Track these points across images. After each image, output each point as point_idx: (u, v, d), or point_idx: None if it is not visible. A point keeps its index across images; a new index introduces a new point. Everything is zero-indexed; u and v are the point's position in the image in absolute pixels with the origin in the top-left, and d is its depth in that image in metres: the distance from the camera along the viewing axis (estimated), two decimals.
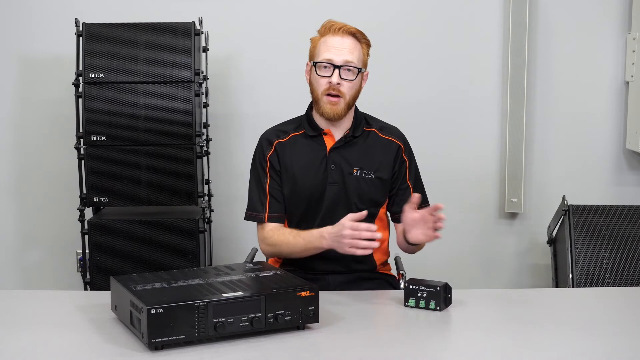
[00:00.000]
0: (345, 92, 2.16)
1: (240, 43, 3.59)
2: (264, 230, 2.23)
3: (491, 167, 3.69)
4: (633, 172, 3.69)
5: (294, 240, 2.15)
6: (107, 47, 3.07)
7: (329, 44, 2.17)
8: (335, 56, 2.15)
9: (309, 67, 2.23)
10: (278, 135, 2.28)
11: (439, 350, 1.65)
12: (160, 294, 1.63)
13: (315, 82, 2.19)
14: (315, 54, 2.20)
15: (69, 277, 3.67)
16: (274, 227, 2.22)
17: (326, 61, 2.16)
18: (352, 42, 2.18)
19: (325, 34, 2.19)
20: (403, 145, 2.30)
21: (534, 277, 3.74)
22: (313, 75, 2.20)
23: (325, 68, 2.16)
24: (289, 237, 2.16)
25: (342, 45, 2.16)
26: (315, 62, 2.18)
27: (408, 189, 2.29)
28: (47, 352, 1.60)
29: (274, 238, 2.20)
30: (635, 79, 3.53)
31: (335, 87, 2.15)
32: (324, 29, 2.20)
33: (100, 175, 3.09)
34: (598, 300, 2.08)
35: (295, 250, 2.15)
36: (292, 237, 2.16)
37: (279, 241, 2.18)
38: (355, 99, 2.23)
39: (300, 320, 1.69)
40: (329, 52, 2.16)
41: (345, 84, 2.16)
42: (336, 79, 2.15)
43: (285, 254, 2.22)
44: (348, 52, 2.16)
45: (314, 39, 2.24)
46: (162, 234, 3.08)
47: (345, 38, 2.17)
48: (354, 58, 2.16)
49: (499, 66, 3.63)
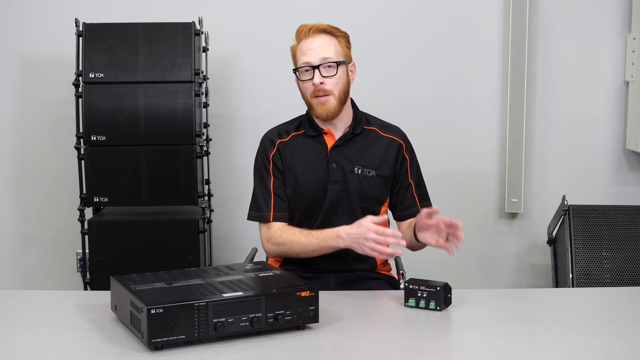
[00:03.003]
0: (330, 89, 2.17)
1: (240, 43, 3.59)
2: (270, 229, 2.22)
3: (491, 167, 3.69)
4: (633, 172, 3.69)
5: (306, 239, 2.13)
6: (107, 47, 3.07)
7: (304, 47, 2.19)
8: (310, 57, 2.17)
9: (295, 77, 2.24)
10: (280, 135, 2.28)
11: (439, 350, 1.64)
12: (160, 294, 1.63)
13: (303, 88, 2.22)
14: (295, 61, 2.23)
15: (69, 277, 3.67)
16: (281, 227, 2.21)
17: (304, 65, 2.18)
18: (325, 39, 2.19)
19: (300, 39, 2.21)
20: (404, 144, 2.30)
21: (534, 277, 3.74)
22: (299, 83, 2.23)
23: (306, 72, 2.19)
24: (301, 237, 2.15)
25: (315, 44, 2.18)
26: (296, 69, 2.21)
27: (410, 186, 2.29)
28: (47, 352, 1.60)
29: (282, 237, 2.18)
30: (635, 79, 3.53)
31: (319, 88, 2.16)
32: (297, 35, 2.23)
33: (100, 175, 3.09)
34: (598, 300, 2.08)
35: (308, 249, 2.14)
36: (304, 237, 2.14)
37: (289, 240, 2.16)
38: (346, 93, 2.22)
39: (300, 320, 1.69)
40: (305, 55, 2.18)
41: (328, 80, 2.17)
42: (318, 79, 2.16)
43: (293, 254, 2.19)
44: (322, 49, 2.17)
45: (292, 47, 2.26)
46: (162, 234, 3.08)
47: (317, 37, 2.19)
48: (329, 53, 2.17)
49: (499, 66, 3.63)
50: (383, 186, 2.26)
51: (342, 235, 2.04)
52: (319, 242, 2.11)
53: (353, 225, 2.02)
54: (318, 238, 2.11)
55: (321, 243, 2.10)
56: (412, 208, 2.30)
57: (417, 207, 2.30)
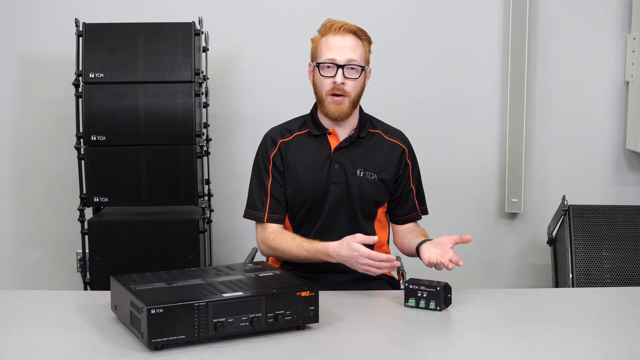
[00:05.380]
0: (349, 91, 2.15)
1: (240, 43, 3.59)
2: (265, 231, 2.23)
3: (491, 167, 3.69)
4: (633, 172, 3.69)
5: (297, 250, 2.14)
6: (107, 47, 3.07)
7: (331, 43, 2.15)
8: (337, 55, 2.14)
9: (312, 68, 2.22)
10: (282, 134, 2.27)
11: (439, 350, 1.64)
12: (160, 294, 1.63)
13: (319, 82, 2.18)
14: (318, 54, 2.19)
15: (69, 277, 3.67)
16: (275, 230, 2.21)
17: (329, 61, 2.14)
18: (354, 40, 2.17)
19: (326, 34, 2.17)
20: (407, 149, 2.30)
21: (534, 277, 3.74)
22: (317, 76, 2.19)
23: (328, 68, 2.15)
24: (292, 246, 2.15)
25: (343, 44, 2.15)
26: (318, 63, 2.17)
27: (411, 192, 2.30)
28: (47, 352, 1.60)
29: (275, 242, 2.19)
30: (635, 79, 3.53)
31: (339, 87, 2.14)
32: (325, 29, 2.19)
33: (100, 175, 3.09)
34: (598, 300, 2.08)
35: (299, 259, 2.16)
36: (295, 247, 2.14)
37: (281, 247, 2.17)
38: (360, 97, 2.22)
39: (300, 320, 1.69)
40: (331, 51, 2.15)
41: (349, 82, 2.15)
42: (340, 78, 2.13)
43: (283, 258, 2.23)
44: (350, 50, 2.15)
45: (314, 39, 2.22)
46: (162, 234, 3.08)
47: (346, 37, 2.16)
48: (356, 56, 2.15)
49: (499, 66, 3.63)
50: (384, 190, 2.26)
51: (331, 254, 2.04)
52: (309, 255, 2.12)
53: (343, 246, 2.01)
54: (308, 251, 2.11)
55: (311, 257, 2.12)
56: (412, 213, 2.31)
57: (417, 212, 2.31)
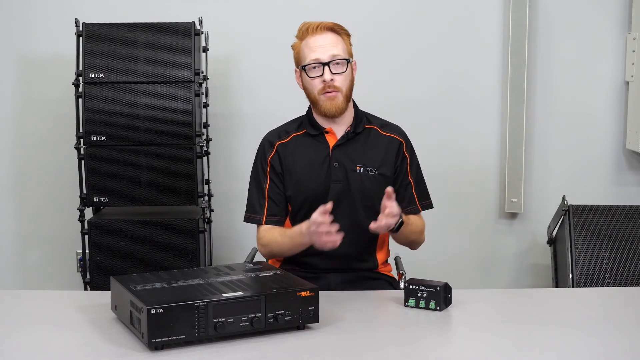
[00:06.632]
0: (340, 85, 2.18)
1: (240, 43, 3.59)
2: (259, 232, 2.26)
3: (491, 167, 3.69)
4: (633, 172, 3.69)
5: (281, 238, 2.17)
6: (107, 47, 3.07)
7: (312, 44, 2.18)
8: (320, 54, 2.17)
9: (299, 73, 2.25)
10: (280, 136, 2.29)
11: (439, 350, 1.64)
12: (160, 294, 1.63)
13: (309, 85, 2.21)
14: (301, 58, 2.22)
15: (69, 277, 3.67)
16: (267, 228, 2.24)
17: (314, 61, 2.17)
18: (333, 37, 2.20)
19: (305, 36, 2.21)
20: (404, 142, 2.30)
21: (534, 277, 3.74)
22: (305, 79, 2.22)
23: (314, 69, 2.18)
24: (277, 237, 2.19)
25: (324, 42, 2.18)
26: (304, 66, 2.20)
27: (409, 185, 2.29)
28: (47, 352, 1.60)
29: (265, 238, 2.22)
30: (635, 79, 3.53)
31: (330, 84, 2.16)
32: (302, 32, 2.22)
33: (100, 175, 3.09)
34: (598, 300, 2.08)
35: (284, 248, 2.18)
36: (279, 236, 2.18)
37: (269, 241, 2.21)
38: (351, 90, 2.23)
39: (300, 320, 1.69)
40: (313, 52, 2.18)
41: (338, 77, 2.17)
42: (328, 75, 2.16)
43: (277, 253, 2.24)
44: (332, 46, 2.18)
45: (295, 45, 2.25)
46: (162, 234, 3.08)
47: (325, 34, 2.19)
48: (339, 51, 2.18)
49: (499, 66, 3.63)
50: (385, 184, 2.25)
51: (303, 231, 2.04)
52: (290, 240, 2.13)
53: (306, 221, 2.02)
54: (290, 236, 2.13)
55: (292, 241, 2.12)
56: (411, 206, 2.30)
57: (416, 205, 2.30)
